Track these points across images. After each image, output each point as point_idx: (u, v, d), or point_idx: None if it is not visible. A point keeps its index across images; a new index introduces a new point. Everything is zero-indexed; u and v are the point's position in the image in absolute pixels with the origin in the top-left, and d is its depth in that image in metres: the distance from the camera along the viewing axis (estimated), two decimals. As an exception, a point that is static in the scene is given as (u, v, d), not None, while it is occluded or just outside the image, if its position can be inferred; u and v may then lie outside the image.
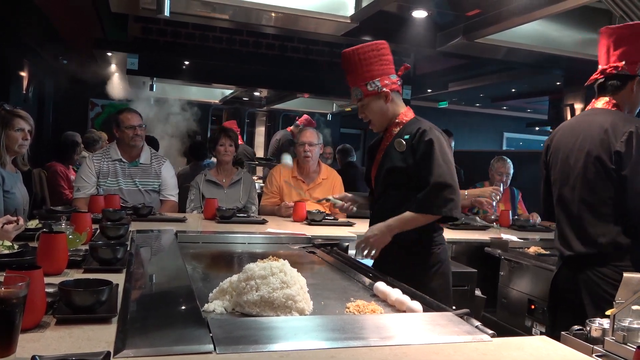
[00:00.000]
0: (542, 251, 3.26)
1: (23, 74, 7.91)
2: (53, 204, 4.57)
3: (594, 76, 2.29)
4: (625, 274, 1.53)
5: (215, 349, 1.18)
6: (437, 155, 2.19)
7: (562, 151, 2.29)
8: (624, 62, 2.17)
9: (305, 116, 7.32)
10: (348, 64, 2.34)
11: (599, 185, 2.13)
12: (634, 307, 1.34)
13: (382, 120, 2.38)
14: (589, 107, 2.34)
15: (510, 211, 4.35)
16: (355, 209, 2.68)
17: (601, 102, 2.25)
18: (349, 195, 2.71)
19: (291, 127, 7.46)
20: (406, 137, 2.30)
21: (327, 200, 2.75)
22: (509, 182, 4.71)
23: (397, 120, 2.37)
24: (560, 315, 2.28)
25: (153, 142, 6.20)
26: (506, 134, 13.79)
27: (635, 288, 1.51)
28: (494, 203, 3.88)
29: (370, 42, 2.32)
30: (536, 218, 4.24)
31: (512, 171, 4.68)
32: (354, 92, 2.35)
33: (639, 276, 1.53)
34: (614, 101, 2.22)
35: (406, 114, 2.38)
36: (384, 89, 2.29)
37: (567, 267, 2.24)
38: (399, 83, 2.37)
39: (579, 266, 2.17)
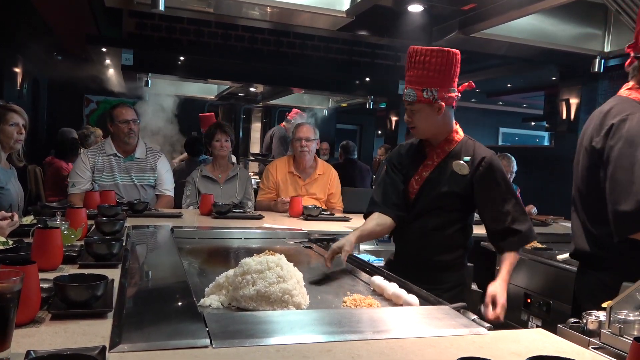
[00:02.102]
0: (539, 245, 3.26)
1: (17, 70, 7.87)
2: (60, 197, 4.58)
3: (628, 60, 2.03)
4: (624, 284, 1.45)
5: (211, 343, 1.17)
6: (504, 190, 2.13)
7: (579, 141, 2.12)
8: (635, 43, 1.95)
9: (294, 110, 7.33)
10: (411, 62, 2.12)
11: (587, 181, 1.96)
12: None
13: (430, 130, 2.17)
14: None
15: None
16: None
17: (623, 88, 2.02)
18: (348, 243, 2.17)
19: (284, 123, 7.46)
20: (466, 159, 2.15)
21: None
22: (512, 179, 4.73)
23: (449, 138, 2.18)
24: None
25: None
26: (502, 129, 13.83)
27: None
28: None
29: (442, 48, 2.09)
30: (531, 209, 4.26)
31: (515, 169, 4.70)
32: (407, 93, 2.13)
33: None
34: (632, 84, 1.97)
35: (457, 131, 2.22)
36: (439, 101, 2.09)
37: (581, 267, 2.11)
38: (457, 98, 2.16)
39: (582, 265, 2.06)
